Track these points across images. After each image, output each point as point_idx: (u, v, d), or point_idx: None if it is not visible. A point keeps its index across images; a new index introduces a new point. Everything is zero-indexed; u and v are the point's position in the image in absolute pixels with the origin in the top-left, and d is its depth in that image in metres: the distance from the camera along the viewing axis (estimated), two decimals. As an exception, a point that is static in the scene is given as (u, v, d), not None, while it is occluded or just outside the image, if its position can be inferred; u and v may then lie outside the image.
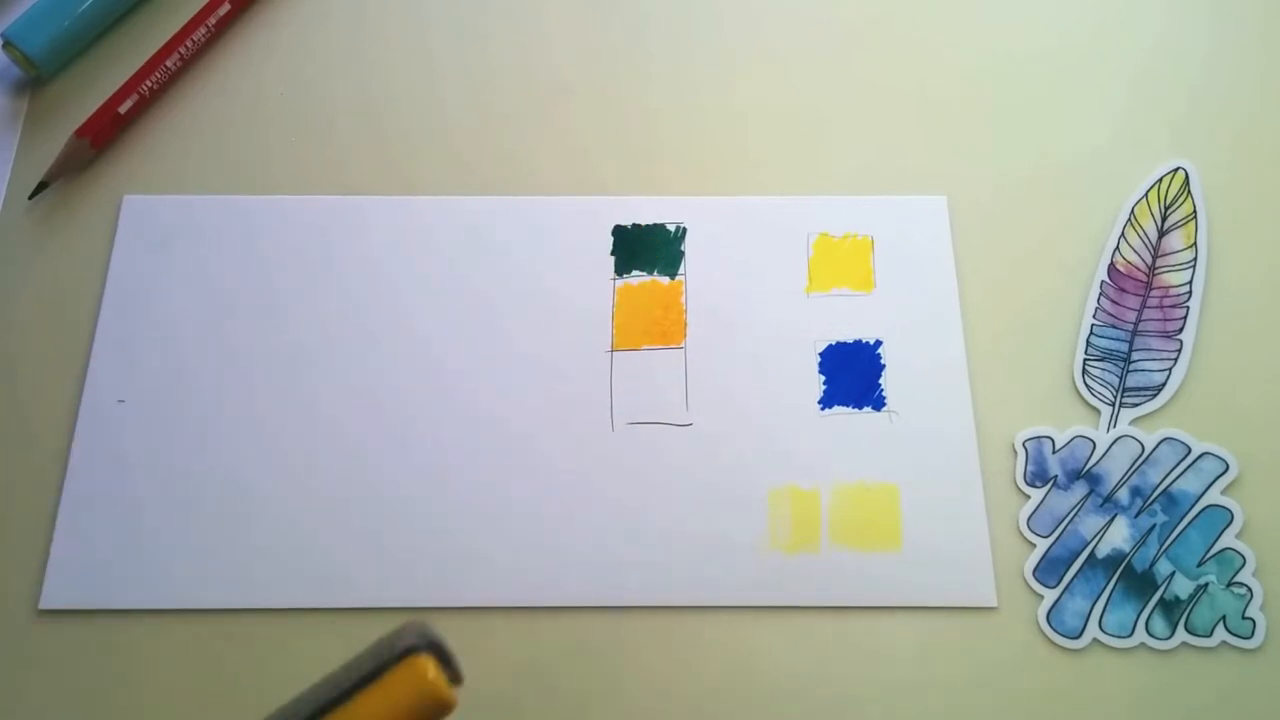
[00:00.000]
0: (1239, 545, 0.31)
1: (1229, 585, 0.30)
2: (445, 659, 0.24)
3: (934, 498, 0.31)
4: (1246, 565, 0.30)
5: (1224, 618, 0.30)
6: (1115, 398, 0.33)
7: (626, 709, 0.29)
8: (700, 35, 0.39)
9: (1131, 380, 0.33)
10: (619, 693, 0.29)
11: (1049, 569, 0.31)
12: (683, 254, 0.35)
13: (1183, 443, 0.32)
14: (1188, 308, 0.34)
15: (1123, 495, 0.32)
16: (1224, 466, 0.32)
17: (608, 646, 0.30)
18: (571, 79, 0.38)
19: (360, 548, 0.31)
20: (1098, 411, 0.33)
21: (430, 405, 0.32)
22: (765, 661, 0.30)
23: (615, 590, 0.30)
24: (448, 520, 0.31)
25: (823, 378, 0.33)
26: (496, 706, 0.29)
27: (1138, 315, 0.34)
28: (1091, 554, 0.31)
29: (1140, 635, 0.30)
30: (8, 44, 0.37)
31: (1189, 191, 0.35)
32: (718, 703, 0.29)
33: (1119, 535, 0.31)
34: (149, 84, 0.37)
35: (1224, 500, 0.31)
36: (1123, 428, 0.32)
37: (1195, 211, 0.35)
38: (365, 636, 0.30)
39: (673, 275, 0.34)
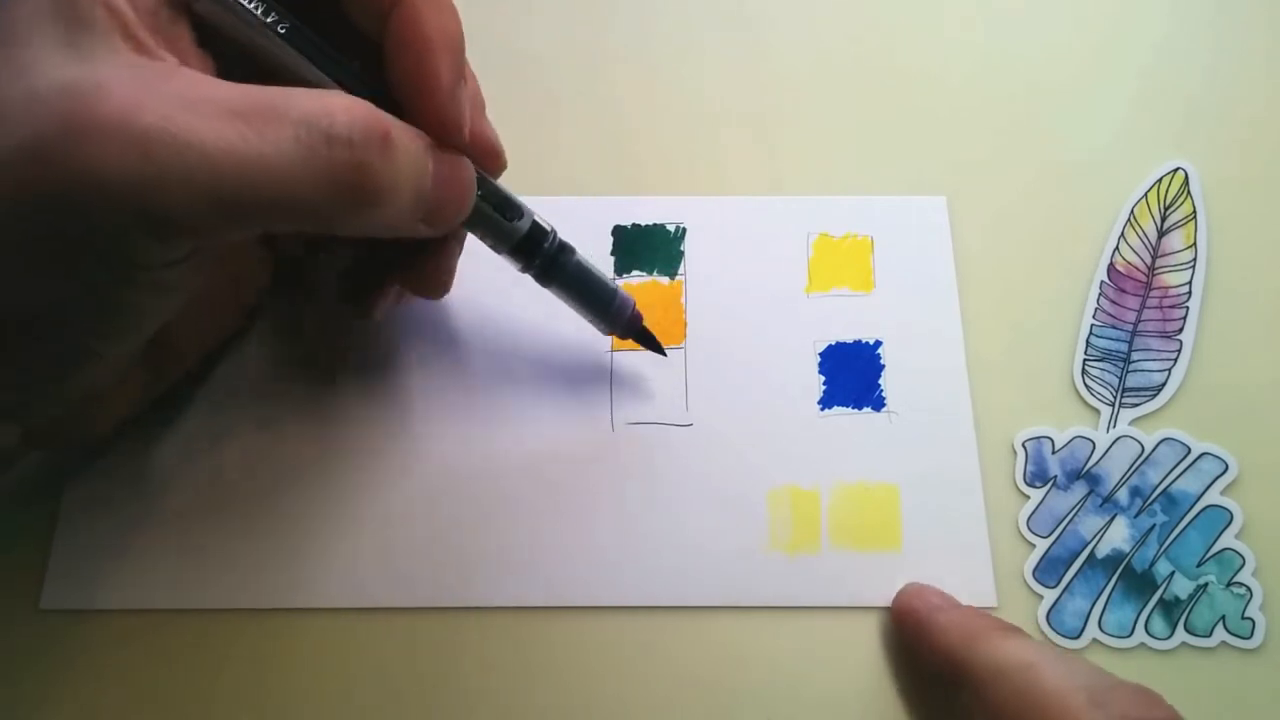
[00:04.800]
0: (1238, 545, 0.31)
1: (1228, 585, 0.30)
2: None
3: (934, 498, 0.31)
4: (1246, 565, 0.30)
5: (1223, 618, 0.30)
6: (1115, 398, 0.33)
7: (626, 709, 0.29)
8: (700, 35, 0.39)
9: (1131, 380, 0.33)
10: (619, 693, 0.29)
11: (1049, 569, 0.31)
12: (682, 254, 0.35)
13: (1182, 443, 0.32)
14: (1187, 308, 0.34)
15: (1122, 495, 0.32)
16: (1223, 467, 0.32)
17: (607, 647, 0.30)
18: (570, 79, 0.38)
19: (359, 547, 0.31)
20: (1097, 412, 0.33)
21: (428, 406, 0.32)
22: (765, 661, 0.30)
23: (615, 590, 0.30)
24: (447, 520, 0.31)
25: (822, 378, 0.33)
26: (497, 706, 0.29)
27: (1137, 315, 0.34)
28: (1091, 554, 0.31)
29: (1140, 635, 0.30)
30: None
31: (1188, 192, 0.35)
32: (717, 703, 0.29)
33: (1119, 535, 0.31)
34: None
35: (1223, 500, 0.31)
36: (1122, 428, 0.32)
37: (1195, 212, 0.35)
38: (365, 636, 0.30)
39: (672, 275, 0.34)
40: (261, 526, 0.31)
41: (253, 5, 0.23)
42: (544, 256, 0.29)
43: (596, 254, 0.34)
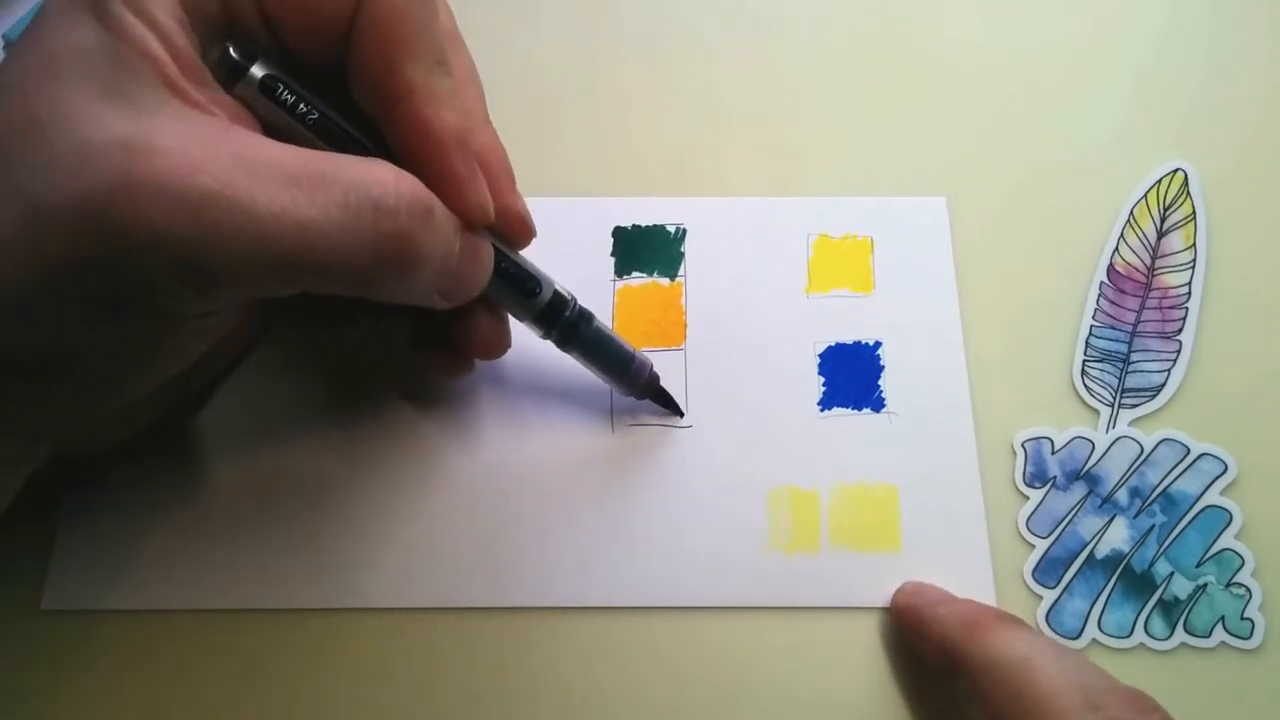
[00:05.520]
0: (1238, 546, 0.31)
1: (1228, 586, 0.30)
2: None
3: (933, 498, 0.31)
4: (1245, 566, 0.31)
5: (1223, 618, 0.30)
6: (1114, 398, 0.33)
7: (626, 710, 0.29)
8: (699, 36, 0.39)
9: (1130, 381, 0.33)
10: (618, 694, 0.29)
11: (1048, 569, 0.31)
12: (683, 255, 0.35)
13: (1182, 443, 0.32)
14: (1187, 308, 0.34)
15: (1122, 496, 0.32)
16: (1223, 467, 0.32)
17: (607, 647, 0.30)
18: (571, 80, 0.38)
19: (358, 548, 0.31)
20: (1097, 412, 0.33)
21: (428, 407, 0.32)
22: (765, 661, 0.30)
23: (614, 591, 0.30)
24: (447, 521, 0.31)
25: (822, 379, 0.33)
26: (496, 707, 0.29)
27: (1137, 316, 0.34)
28: (1090, 555, 0.31)
29: (1139, 636, 0.30)
30: (9, 45, 0.37)
31: (1188, 192, 0.35)
32: (717, 703, 0.29)
33: (1118, 536, 0.31)
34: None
35: (1223, 501, 0.31)
36: (1122, 428, 0.32)
37: (1194, 212, 0.35)
38: (364, 636, 0.30)
39: (673, 277, 0.34)
40: (263, 527, 0.31)
41: (282, 95, 0.24)
42: (563, 325, 0.30)
43: (596, 255, 0.35)
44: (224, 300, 0.23)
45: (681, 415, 0.32)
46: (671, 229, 0.35)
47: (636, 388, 0.31)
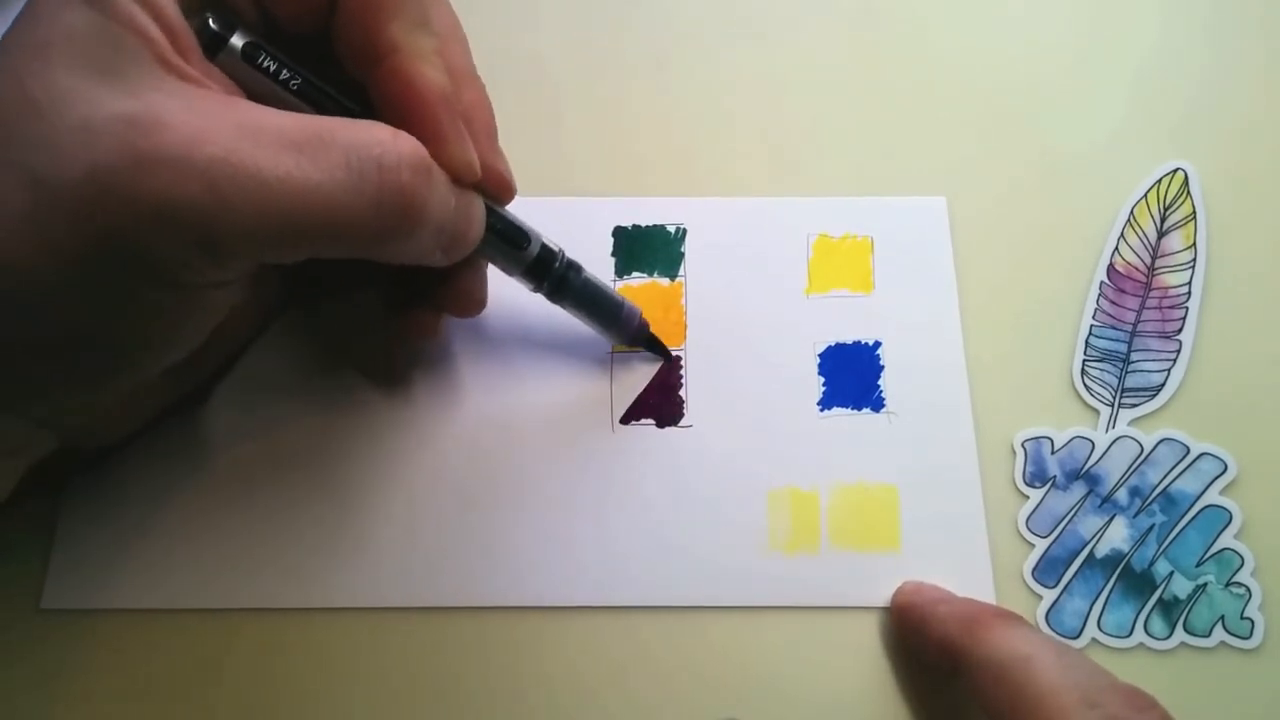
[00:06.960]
0: (1237, 545, 0.31)
1: (1227, 585, 0.30)
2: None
3: (933, 498, 0.31)
4: (1245, 565, 0.31)
5: (1222, 618, 0.30)
6: (1114, 398, 0.33)
7: (625, 710, 0.29)
8: (699, 37, 0.39)
9: (1130, 381, 0.33)
10: (619, 693, 0.29)
11: (1048, 569, 0.31)
12: (683, 255, 0.35)
13: (1181, 443, 0.32)
14: (1187, 308, 0.34)
15: (1121, 495, 0.32)
16: (1222, 467, 0.32)
17: (607, 647, 0.30)
18: (570, 80, 0.38)
19: (358, 547, 0.31)
20: (1097, 412, 0.33)
21: (429, 405, 0.32)
22: (765, 661, 0.30)
23: (614, 591, 0.30)
24: (446, 520, 0.31)
25: (822, 379, 0.33)
26: (496, 707, 0.29)
27: (1137, 316, 0.34)
28: (1090, 554, 0.31)
29: (1139, 635, 0.30)
30: (8, 45, 0.37)
31: (1188, 192, 0.35)
32: (716, 703, 0.29)
33: (1118, 535, 0.31)
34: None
35: (1222, 500, 0.31)
36: (1121, 428, 0.32)
37: (1194, 212, 0.35)
38: (363, 636, 0.30)
39: (673, 277, 0.34)
40: (262, 526, 0.31)
41: (264, 62, 0.24)
42: (553, 277, 0.30)
43: (597, 255, 0.35)
44: (237, 268, 0.23)
45: (670, 359, 0.33)
46: (671, 229, 0.35)
47: (627, 334, 0.32)
